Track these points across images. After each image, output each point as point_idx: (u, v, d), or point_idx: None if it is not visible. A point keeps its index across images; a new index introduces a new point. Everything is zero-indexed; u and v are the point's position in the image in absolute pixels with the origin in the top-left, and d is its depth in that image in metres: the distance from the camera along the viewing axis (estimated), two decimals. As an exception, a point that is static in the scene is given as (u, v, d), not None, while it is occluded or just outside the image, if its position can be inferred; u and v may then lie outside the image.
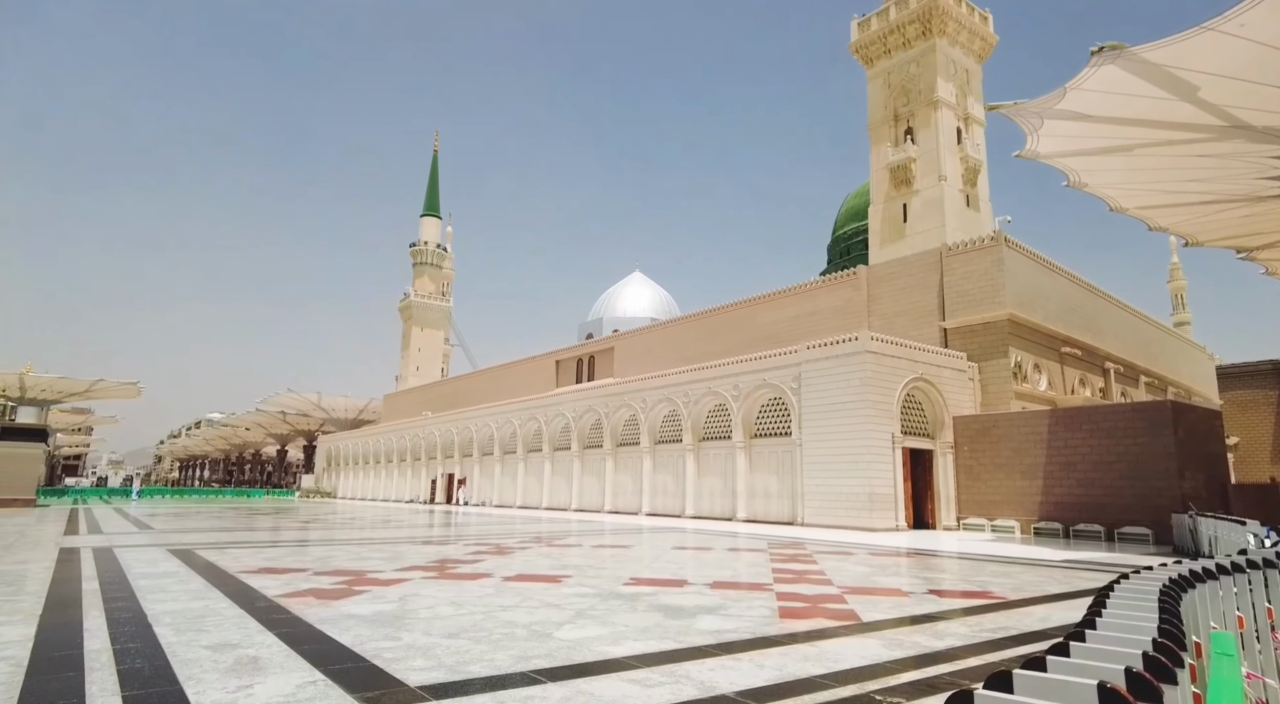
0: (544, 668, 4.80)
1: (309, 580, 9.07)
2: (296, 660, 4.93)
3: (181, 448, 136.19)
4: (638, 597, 8.06)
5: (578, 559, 12.41)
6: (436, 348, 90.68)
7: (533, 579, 9.53)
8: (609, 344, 45.99)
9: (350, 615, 6.65)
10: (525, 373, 51.97)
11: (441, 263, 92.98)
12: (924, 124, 34.40)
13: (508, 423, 41.90)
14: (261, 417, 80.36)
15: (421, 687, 4.31)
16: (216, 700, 3.98)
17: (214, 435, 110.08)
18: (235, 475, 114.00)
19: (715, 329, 37.39)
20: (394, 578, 9.45)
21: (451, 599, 7.71)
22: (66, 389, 65.17)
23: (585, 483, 35.63)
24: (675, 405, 30.41)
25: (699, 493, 28.92)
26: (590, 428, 35.98)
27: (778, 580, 9.75)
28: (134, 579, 9.01)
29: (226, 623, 6.23)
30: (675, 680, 4.55)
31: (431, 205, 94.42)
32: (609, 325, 58.91)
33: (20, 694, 4.10)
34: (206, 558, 11.71)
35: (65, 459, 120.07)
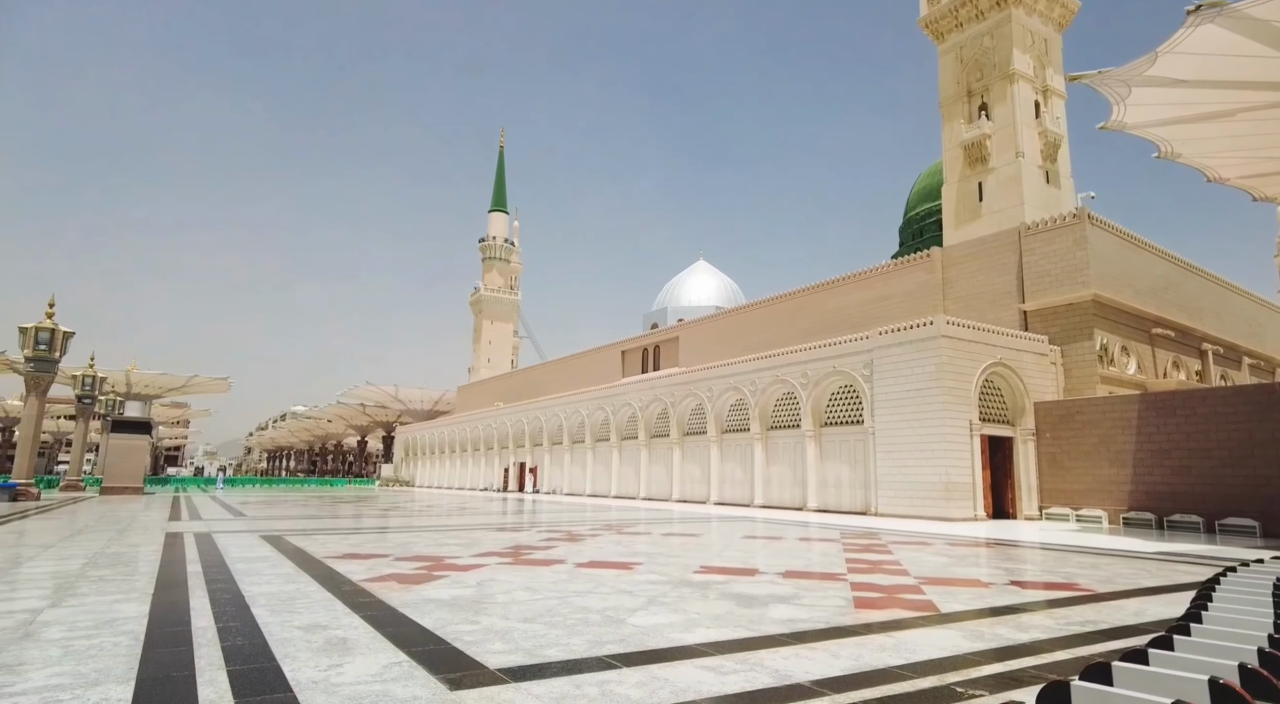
0: (618, 653, 4.87)
1: (391, 566, 9.43)
2: (382, 642, 5.13)
3: (269, 439, 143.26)
4: (709, 585, 8.06)
5: (648, 547, 12.50)
6: (506, 340, 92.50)
7: (604, 566, 9.66)
8: (673, 334, 45.98)
9: (430, 600, 6.88)
10: (592, 363, 52.51)
11: (509, 257, 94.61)
12: (999, 99, 32.96)
13: (576, 413, 42.45)
14: (342, 409, 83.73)
15: (501, 669, 4.43)
16: (311, 678, 4.18)
17: (298, 427, 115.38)
18: (319, 465, 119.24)
19: (782, 316, 36.91)
20: (471, 564, 9.72)
21: (526, 584, 7.89)
22: (166, 385, 69.40)
23: (653, 472, 35.81)
24: (742, 394, 30.19)
25: (768, 482, 28.68)
26: (656, 417, 36.10)
27: (852, 570, 9.60)
28: (231, 563, 9.54)
29: (316, 605, 6.53)
30: (750, 668, 4.54)
31: (499, 201, 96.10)
32: (673, 315, 58.87)
33: (140, 664, 4.41)
34: (295, 543, 12.30)
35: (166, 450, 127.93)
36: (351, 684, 4.06)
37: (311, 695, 3.84)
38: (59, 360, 27.89)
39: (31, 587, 7.43)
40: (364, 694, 3.88)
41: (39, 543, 11.99)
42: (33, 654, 4.67)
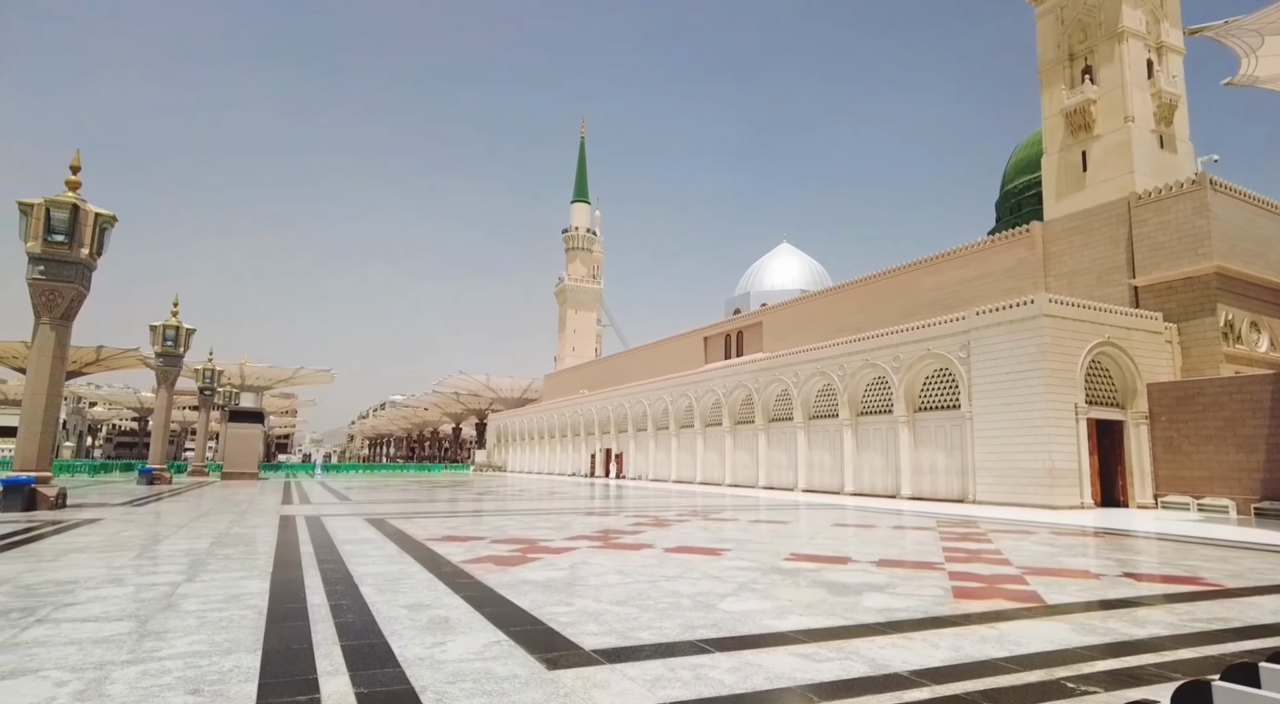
0: (711, 638, 4.89)
1: (487, 548, 9.77)
2: (482, 621, 5.34)
3: (370, 427, 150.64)
4: (799, 572, 7.98)
5: (735, 533, 12.47)
6: (590, 329, 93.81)
7: (693, 551, 9.70)
8: (757, 319, 45.45)
9: (526, 581, 7.09)
10: (674, 350, 52.58)
11: (591, 247, 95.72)
12: (1106, 59, 30.75)
13: (659, 399, 42.65)
14: (437, 398, 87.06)
15: (596, 650, 4.54)
16: (417, 654, 4.40)
17: (397, 416, 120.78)
18: (416, 452, 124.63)
19: (871, 298, 35.86)
20: (563, 547, 9.96)
21: (617, 568, 8.02)
22: (275, 377, 73.99)
23: (738, 458, 35.62)
24: (830, 379, 29.57)
25: (858, 469, 28.05)
26: (741, 403, 35.85)
27: (949, 559, 9.29)
28: (339, 544, 10.12)
29: (419, 585, 6.85)
30: (845, 657, 4.48)
31: (581, 192, 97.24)
32: (756, 299, 58.16)
33: (265, 637, 4.75)
34: (396, 526, 12.92)
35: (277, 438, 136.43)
36: (455, 661, 4.25)
37: (418, 671, 4.05)
38: (183, 355, 30.18)
39: (170, 562, 8.10)
40: (467, 671, 4.05)
41: (173, 523, 13.04)
42: (175, 623, 5.10)
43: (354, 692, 3.65)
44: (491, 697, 3.62)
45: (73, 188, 15.47)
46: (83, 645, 4.49)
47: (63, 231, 14.93)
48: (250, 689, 3.69)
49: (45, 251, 14.89)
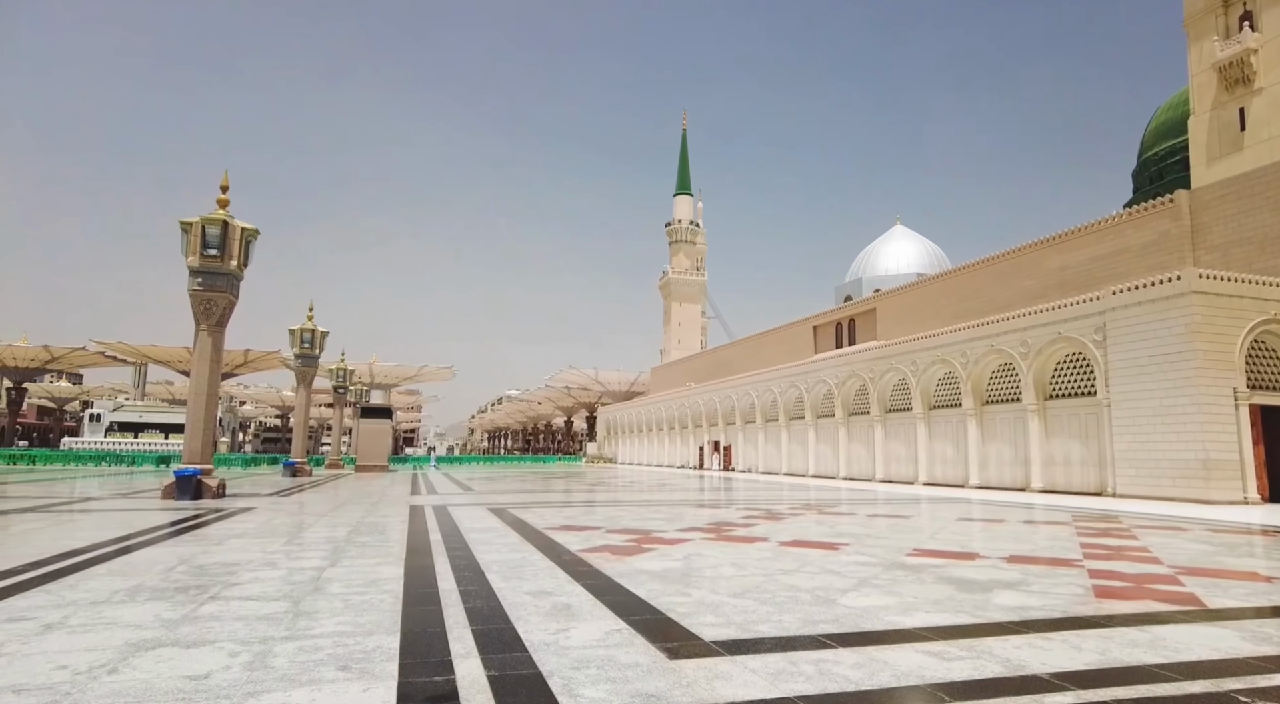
0: (832, 633, 4.80)
1: (603, 538, 9.99)
2: (602, 609, 5.46)
3: (488, 421, 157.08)
4: (923, 568, 7.68)
5: (853, 527, 12.15)
6: (695, 321, 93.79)
7: (809, 545, 9.53)
8: (869, 305, 43.94)
9: (642, 571, 7.20)
10: (782, 340, 51.69)
11: (694, 239, 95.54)
12: (1272, 1, 27.53)
13: (768, 391, 42.09)
14: (550, 392, 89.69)
15: (715, 642, 4.55)
16: (543, 640, 4.56)
17: (513, 410, 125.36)
18: (531, 444, 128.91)
19: (995, 280, 33.90)
20: (676, 538, 10.03)
21: (732, 561, 8.00)
22: (401, 374, 78.45)
23: (853, 450, 34.65)
24: (951, 366, 28.22)
25: (983, 461, 26.65)
26: (855, 394, 34.83)
27: (1088, 556, 8.68)
28: (465, 532, 10.62)
29: (540, 573, 7.09)
30: (976, 656, 4.28)
31: (683, 184, 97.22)
32: (868, 285, 56.25)
33: (402, 620, 5.07)
34: (516, 515, 13.42)
35: (404, 432, 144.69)
36: (579, 648, 4.38)
37: (544, 656, 4.20)
38: (319, 356, 32.55)
39: (315, 548, 8.78)
40: (591, 658, 4.17)
41: (315, 512, 14.11)
42: (323, 605, 5.53)
43: (486, 674, 3.83)
44: (615, 683, 3.71)
45: (222, 206, 16.96)
46: (248, 621, 4.94)
47: (215, 246, 16.44)
48: (392, 668, 3.94)
49: (202, 265, 16.44)
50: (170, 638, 4.49)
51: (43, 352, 68.38)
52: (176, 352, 64.80)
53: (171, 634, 4.58)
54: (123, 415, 66.70)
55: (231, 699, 3.40)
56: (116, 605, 5.41)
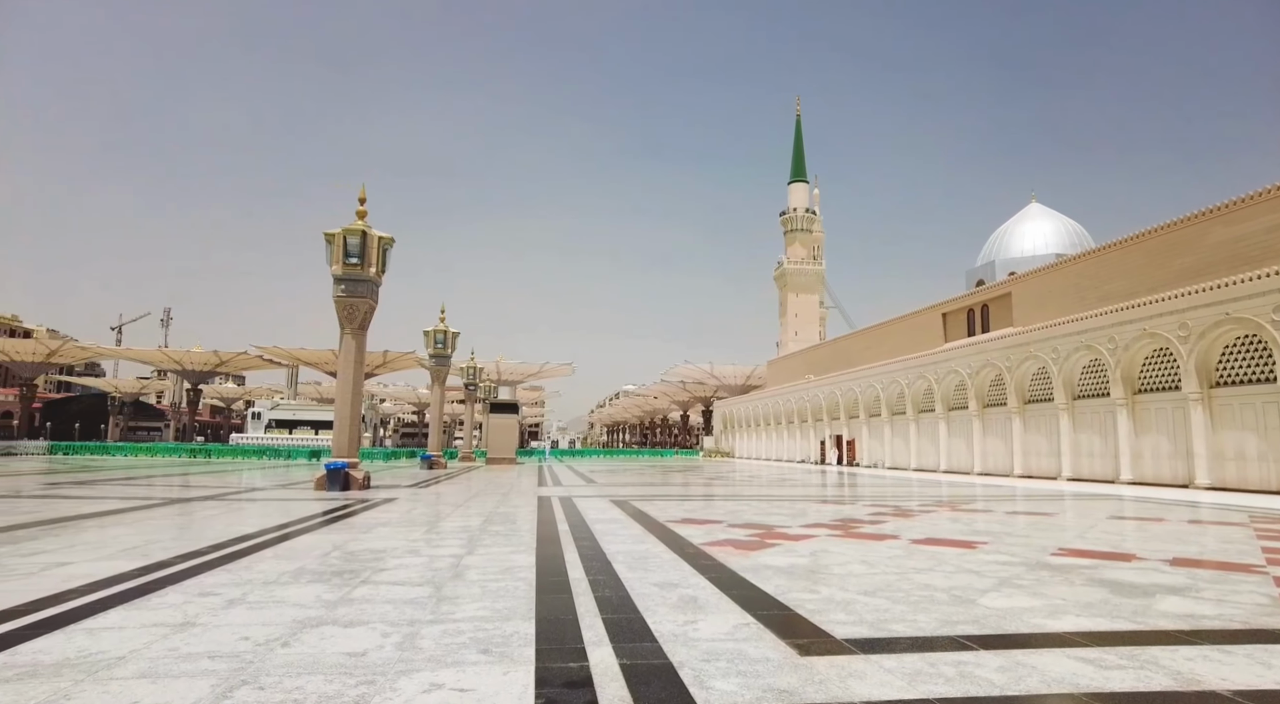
0: (973, 634, 4.57)
1: (725, 532, 9.97)
2: (728, 603, 5.46)
3: (607, 415, 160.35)
4: (1071, 569, 7.16)
5: (990, 525, 11.50)
6: (812, 312, 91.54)
7: (942, 543, 9.11)
8: (1004, 289, 41.29)
9: (767, 566, 7.13)
10: (907, 329, 49.49)
11: (811, 227, 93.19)
12: None
13: (893, 382, 40.50)
14: (665, 386, 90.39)
15: (847, 640, 4.44)
16: (671, 631, 4.61)
17: (630, 404, 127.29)
18: (649, 438, 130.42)
19: (1147, 258, 30.99)
20: (800, 534, 9.86)
21: (861, 558, 7.77)
22: (525, 371, 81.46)
23: (988, 444, 32.76)
24: (1097, 353, 26.11)
25: (1136, 455, 24.50)
26: (990, 384, 32.90)
27: (1271, 561, 7.79)
28: (591, 523, 10.90)
29: (665, 565, 7.17)
30: (1139, 666, 3.94)
31: (798, 171, 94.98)
32: (1002, 268, 52.89)
33: (536, 606, 5.28)
34: (638, 507, 13.62)
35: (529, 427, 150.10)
36: (708, 640, 4.40)
37: (674, 647, 4.24)
38: (451, 356, 34.34)
39: (452, 537, 9.29)
40: (720, 651, 4.18)
41: (450, 503, 14.91)
42: (462, 591, 5.85)
43: (618, 662, 3.93)
44: (746, 677, 3.70)
45: (361, 216, 18.21)
46: (396, 605, 5.30)
47: (356, 254, 17.71)
48: (529, 653, 4.12)
49: (345, 273, 17.76)
50: (330, 617, 4.89)
51: (213, 356, 76.18)
52: (323, 354, 70.32)
53: (331, 614, 4.99)
54: (279, 413, 73.15)
55: (386, 676, 3.67)
56: (284, 586, 5.95)
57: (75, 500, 13.95)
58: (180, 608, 5.08)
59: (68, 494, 15.51)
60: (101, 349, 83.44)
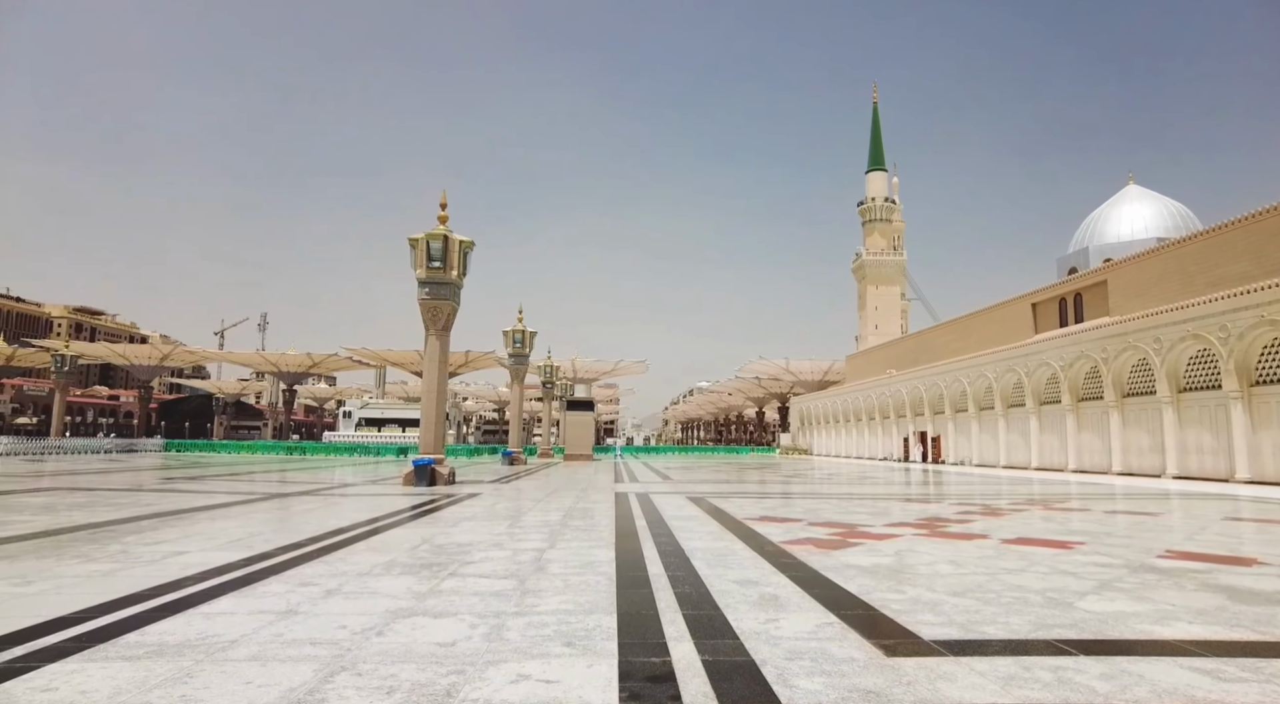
0: (1071, 639, 4.36)
1: (805, 530, 9.82)
2: (810, 602, 5.38)
3: (680, 412, 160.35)
4: (1181, 572, 6.73)
5: (1087, 525, 10.93)
6: (893, 304, 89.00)
7: (1035, 543, 8.71)
8: (1099, 277, 39.08)
9: (850, 565, 6.99)
10: (995, 320, 47.47)
11: (891, 216, 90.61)
12: None
13: (980, 376, 38.97)
14: (740, 383, 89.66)
15: (935, 641, 4.31)
16: (753, 629, 4.59)
17: (704, 401, 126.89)
18: (724, 434, 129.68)
19: (1266, 239, 28.71)
20: (884, 533, 9.62)
21: (949, 558, 7.52)
22: (599, 369, 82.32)
23: (1083, 440, 31.13)
24: (1207, 343, 24.42)
25: (1254, 450, 22.80)
26: (1085, 377, 31.24)
27: None
28: (668, 519, 10.94)
29: (744, 562, 7.13)
30: (1265, 680, 3.67)
31: (876, 159, 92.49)
32: (1097, 255, 50.10)
33: (617, 601, 5.34)
34: (715, 504, 13.58)
35: (605, 424, 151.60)
36: (790, 639, 4.35)
37: (756, 645, 4.22)
38: (529, 355, 35.05)
39: (534, 531, 9.49)
40: (803, 650, 4.13)
41: (531, 498, 15.24)
42: (545, 584, 5.97)
43: (700, 658, 3.93)
44: (831, 677, 3.64)
45: (442, 222, 18.80)
46: (482, 597, 5.47)
47: (438, 258, 18.32)
48: (612, 646, 4.17)
49: (428, 276, 18.39)
50: (421, 608, 5.08)
51: (306, 358, 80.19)
52: (409, 355, 72.97)
53: (421, 605, 5.19)
54: (368, 412, 76.36)
55: (475, 666, 3.79)
56: (377, 577, 6.22)
57: (188, 494, 14.96)
58: (283, 596, 5.38)
59: (181, 489, 16.65)
60: (207, 353, 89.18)
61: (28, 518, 10.31)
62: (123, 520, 10.04)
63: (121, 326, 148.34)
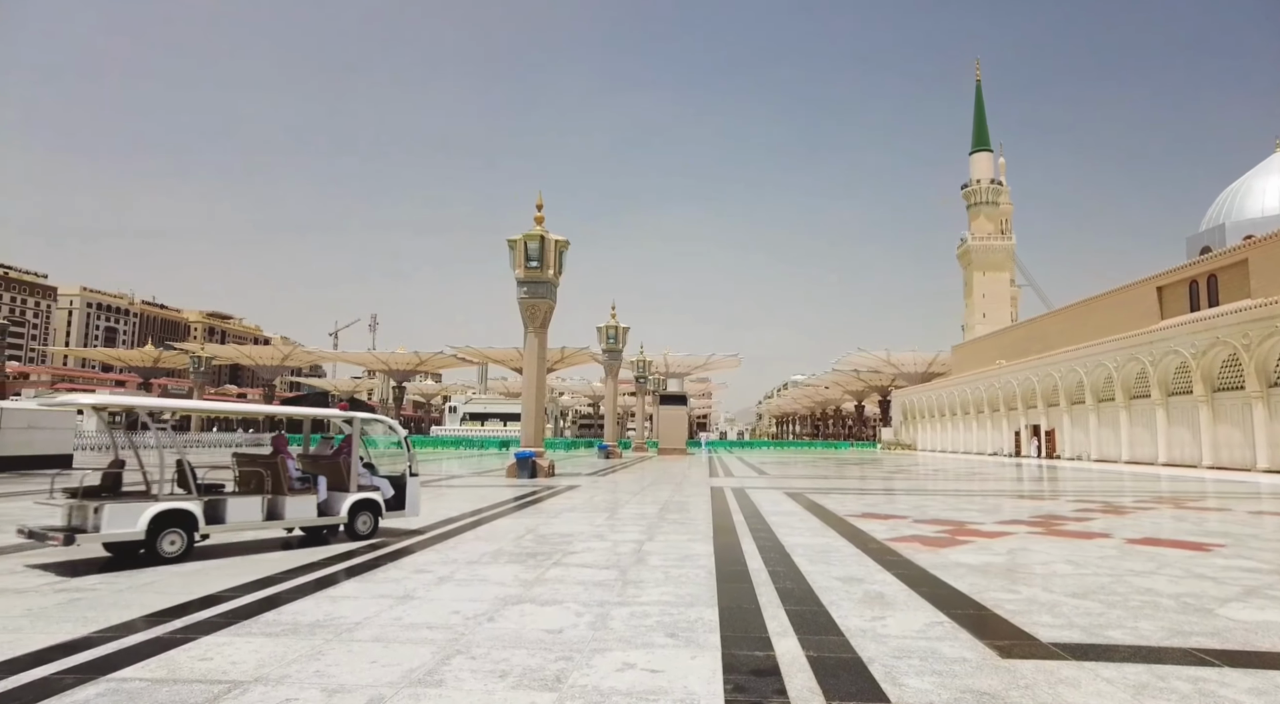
0: (1212, 648, 4.05)
1: (910, 527, 9.52)
2: (917, 600, 5.23)
3: (775, 406, 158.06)
4: (1342, 580, 6.11)
5: (1227, 526, 10.07)
6: (1002, 291, 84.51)
7: (1166, 544, 8.11)
8: (1239, 256, 35.74)
9: (959, 564, 6.73)
10: (1114, 306, 44.26)
11: (998, 199, 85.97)
12: None
13: (1099, 366, 36.51)
14: (837, 376, 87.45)
15: (1056, 644, 4.10)
16: (858, 626, 4.50)
17: (799, 395, 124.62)
18: (821, 429, 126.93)
19: None
20: (995, 531, 9.20)
21: (1067, 557, 7.12)
22: (691, 364, 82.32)
23: (1219, 434, 28.65)
24: (1368, 325, 21.93)
25: None
26: (1221, 365, 28.75)
27: None
28: (765, 515, 10.84)
29: (847, 559, 6.99)
30: None
31: (980, 140, 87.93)
32: (1235, 232, 45.81)
33: (717, 595, 5.36)
34: (813, 500, 13.34)
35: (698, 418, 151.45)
36: (897, 637, 4.25)
37: (862, 642, 4.14)
38: (622, 350, 35.45)
39: (632, 524, 9.63)
40: (911, 648, 4.02)
41: (628, 491, 15.44)
42: (645, 576, 6.06)
43: (804, 654, 3.90)
44: (942, 677, 3.54)
45: (539, 223, 19.27)
46: (586, 586, 5.61)
47: (536, 258, 18.82)
48: (714, 639, 4.20)
49: (526, 276, 18.93)
50: (528, 596, 5.27)
51: (414, 357, 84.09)
52: (508, 353, 75.25)
53: (528, 592, 5.37)
54: (472, 407, 79.39)
55: (582, 653, 3.90)
56: (485, 565, 6.49)
57: (310, 485, 16.02)
58: (400, 582, 5.70)
59: (304, 479, 17.84)
60: (323, 353, 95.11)
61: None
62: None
63: (248, 329, 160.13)
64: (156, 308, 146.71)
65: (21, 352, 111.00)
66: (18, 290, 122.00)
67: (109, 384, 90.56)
